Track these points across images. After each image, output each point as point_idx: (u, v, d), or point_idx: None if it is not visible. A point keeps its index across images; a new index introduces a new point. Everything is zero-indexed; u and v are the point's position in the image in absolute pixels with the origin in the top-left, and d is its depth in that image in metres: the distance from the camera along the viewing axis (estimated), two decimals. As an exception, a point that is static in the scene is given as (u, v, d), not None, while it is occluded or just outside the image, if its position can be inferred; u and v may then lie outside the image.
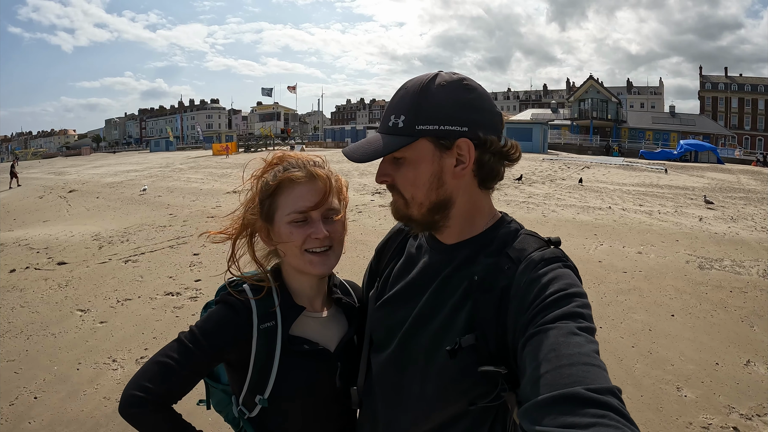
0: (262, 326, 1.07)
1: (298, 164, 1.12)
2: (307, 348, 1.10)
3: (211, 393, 1.23)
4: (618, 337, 4.61)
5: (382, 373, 1.05)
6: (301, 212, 1.08)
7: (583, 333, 0.74)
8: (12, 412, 3.41)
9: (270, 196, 1.12)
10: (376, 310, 1.11)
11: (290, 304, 1.12)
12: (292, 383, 1.07)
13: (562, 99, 69.96)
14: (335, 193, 1.12)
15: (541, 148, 36.53)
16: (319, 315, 1.17)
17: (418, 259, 1.07)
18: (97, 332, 4.72)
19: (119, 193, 16.88)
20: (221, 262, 6.23)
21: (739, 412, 3.41)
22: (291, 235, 1.08)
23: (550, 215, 11.00)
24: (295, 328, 1.10)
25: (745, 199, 14.76)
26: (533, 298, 0.82)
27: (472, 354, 0.88)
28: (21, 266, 7.21)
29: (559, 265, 0.88)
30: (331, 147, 45.01)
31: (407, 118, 0.93)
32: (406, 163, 0.95)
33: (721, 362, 4.13)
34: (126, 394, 0.99)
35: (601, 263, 7.07)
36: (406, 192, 0.96)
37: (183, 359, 1.01)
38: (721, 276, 6.57)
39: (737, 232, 9.63)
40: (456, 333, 0.91)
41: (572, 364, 0.68)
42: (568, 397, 0.63)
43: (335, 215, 1.11)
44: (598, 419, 0.60)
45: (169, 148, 65.13)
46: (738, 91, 63.35)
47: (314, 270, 1.09)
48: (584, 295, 0.83)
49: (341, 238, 1.12)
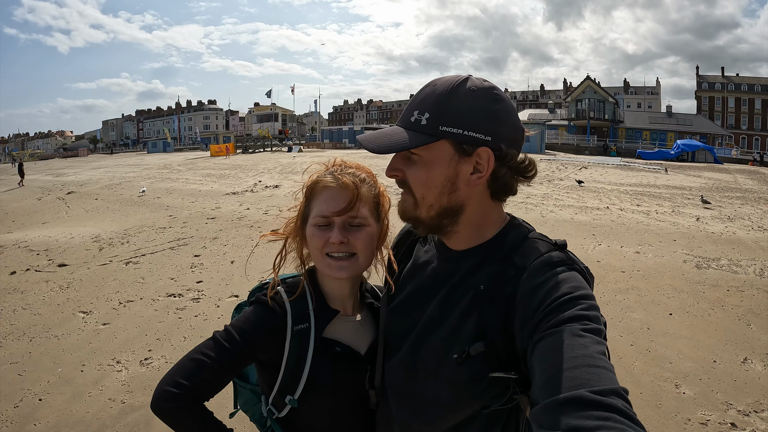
0: (296, 328, 1.09)
1: (336, 171, 1.14)
2: (338, 350, 1.12)
3: (239, 392, 1.25)
4: (617, 335, 4.66)
5: (395, 376, 1.07)
6: (324, 216, 1.10)
7: (589, 334, 0.73)
8: (17, 414, 3.43)
9: (307, 200, 1.15)
10: (387, 313, 1.12)
11: (324, 307, 1.14)
12: (322, 385, 1.09)
13: (559, 99, 70.18)
14: (365, 203, 1.13)
15: (539, 149, 36.60)
16: (352, 318, 1.19)
17: (427, 265, 1.08)
18: (100, 334, 4.74)
19: (118, 195, 16.85)
20: (222, 263, 6.25)
21: (736, 408, 3.46)
22: (313, 238, 1.11)
23: (548, 215, 11.05)
24: (327, 331, 1.12)
25: (742, 199, 14.85)
26: (538, 304, 0.82)
27: (483, 361, 0.89)
28: (21, 268, 7.22)
29: (564, 269, 0.87)
30: (329, 148, 44.99)
31: (431, 117, 0.91)
32: (421, 162, 0.94)
33: (718, 360, 4.18)
34: (159, 389, 1.02)
35: (599, 263, 7.12)
36: (417, 191, 0.95)
37: (218, 357, 1.04)
38: (719, 275, 6.63)
39: (734, 231, 9.69)
40: (465, 341, 0.92)
41: (576, 366, 0.68)
42: (572, 400, 0.63)
43: (361, 225, 1.12)
44: (603, 422, 0.59)
45: (167, 149, 64.94)
46: (735, 90, 63.55)
47: (331, 273, 1.11)
48: (590, 296, 0.82)
49: (364, 247, 1.12)
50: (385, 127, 1.06)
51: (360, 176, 1.15)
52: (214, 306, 5.41)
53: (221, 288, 6.03)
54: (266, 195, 14.78)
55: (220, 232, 9.49)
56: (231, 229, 9.77)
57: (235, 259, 7.26)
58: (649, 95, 73.63)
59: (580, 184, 16.80)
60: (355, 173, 1.15)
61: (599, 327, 0.76)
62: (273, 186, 16.65)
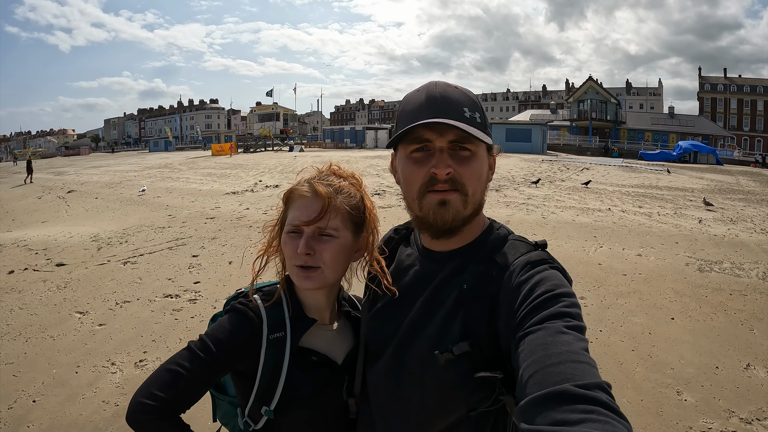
0: (272, 336, 1.07)
1: (315, 179, 1.12)
2: (315, 360, 1.10)
3: (218, 405, 1.23)
4: (618, 340, 4.61)
5: (378, 383, 1.05)
6: (294, 225, 1.08)
7: (572, 331, 0.75)
8: (10, 415, 3.39)
9: (285, 207, 1.14)
10: (369, 319, 1.11)
11: (301, 315, 1.12)
12: (298, 395, 1.07)
13: (561, 100, 70.03)
14: (338, 214, 1.09)
15: (540, 149, 36.58)
16: (330, 327, 1.18)
17: (410, 267, 1.08)
18: (96, 335, 4.70)
19: (118, 194, 16.85)
20: (220, 264, 6.22)
21: (739, 416, 3.41)
22: (285, 246, 1.10)
23: (549, 217, 10.99)
24: (304, 340, 1.10)
25: (745, 201, 14.78)
26: (521, 301, 0.84)
27: (468, 361, 0.89)
28: (19, 267, 7.19)
29: (545, 267, 0.90)
30: (330, 147, 44.95)
31: (482, 116, 0.97)
32: (473, 157, 0.96)
33: (721, 366, 4.13)
34: (134, 401, 0.99)
35: (600, 266, 7.07)
36: (471, 185, 0.95)
37: (192, 367, 1.01)
38: (721, 278, 6.56)
39: (737, 234, 9.62)
40: (450, 342, 0.91)
41: (561, 362, 0.69)
42: (557, 394, 0.64)
43: (331, 236, 1.09)
44: (587, 415, 0.60)
45: (168, 148, 65.05)
46: (737, 92, 63.48)
47: (298, 283, 1.09)
48: (572, 294, 0.84)
49: (331, 259, 1.08)
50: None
51: (337, 186, 1.11)
52: (210, 307, 5.36)
53: (218, 289, 5.99)
54: (266, 195, 14.74)
55: (219, 232, 9.45)
56: (230, 229, 9.73)
57: (233, 259, 7.21)
58: (651, 96, 73.62)
59: (586, 185, 16.64)
60: (333, 183, 1.12)
61: (581, 324, 0.78)
62: (273, 186, 16.61)
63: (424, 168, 0.95)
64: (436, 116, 0.92)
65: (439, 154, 0.94)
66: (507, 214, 11.00)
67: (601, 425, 0.59)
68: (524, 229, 9.17)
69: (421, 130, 0.94)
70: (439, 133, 0.93)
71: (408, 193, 0.99)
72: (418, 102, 0.97)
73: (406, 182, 0.99)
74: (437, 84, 0.98)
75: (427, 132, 0.94)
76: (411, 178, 0.97)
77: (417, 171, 0.96)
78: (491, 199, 13.50)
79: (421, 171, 0.95)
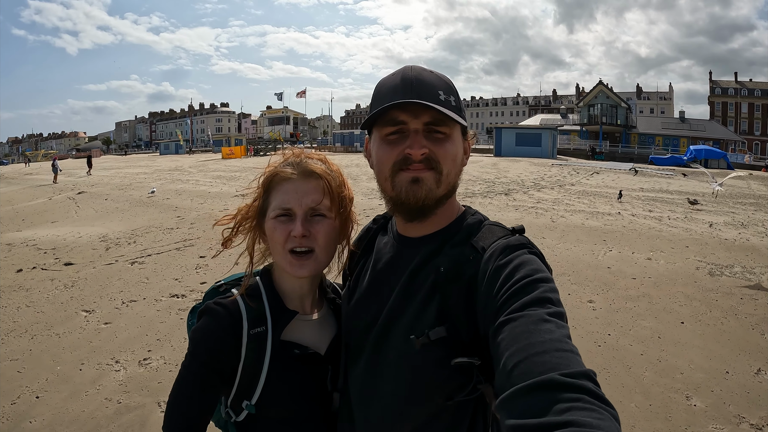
0: (252, 331, 1.04)
1: (295, 162, 1.10)
2: (297, 353, 1.07)
3: None
4: (627, 344, 4.54)
5: (357, 374, 1.03)
6: (284, 208, 1.06)
7: (554, 319, 0.74)
8: (13, 411, 3.41)
9: (265, 192, 1.11)
10: (349, 310, 1.09)
11: (282, 308, 1.08)
12: (280, 390, 1.04)
13: (571, 104, 69.77)
14: (328, 194, 1.08)
15: (550, 154, 36.38)
16: (309, 318, 1.14)
17: (385, 256, 1.07)
18: (101, 333, 4.72)
19: (128, 195, 16.98)
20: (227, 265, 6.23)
21: (749, 422, 3.33)
22: (275, 231, 1.07)
23: (558, 220, 10.92)
24: (285, 333, 1.07)
25: (756, 205, 14.59)
26: (500, 286, 0.82)
27: (444, 347, 0.88)
28: (28, 266, 7.26)
29: (524, 252, 0.88)
30: (340, 151, 45.06)
31: (456, 100, 0.97)
32: (448, 139, 0.96)
33: (731, 371, 4.05)
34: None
35: (610, 269, 6.99)
36: (446, 166, 0.95)
37: (192, 386, 1.02)
38: (732, 282, 6.46)
39: (747, 238, 9.50)
40: (426, 326, 0.90)
41: (545, 351, 0.68)
42: (543, 384, 0.63)
43: (324, 216, 1.07)
44: (574, 403, 0.60)
45: (179, 151, 65.52)
46: (748, 96, 62.87)
47: (292, 271, 1.06)
48: (550, 279, 0.83)
49: (325, 241, 1.07)
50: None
51: (324, 166, 1.11)
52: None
53: (225, 289, 5.98)
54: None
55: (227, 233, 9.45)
56: (237, 230, 9.73)
57: (239, 261, 7.17)
58: (661, 100, 73.11)
59: (619, 197, 14.65)
60: (322, 164, 1.12)
61: (561, 310, 0.77)
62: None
63: (398, 148, 0.95)
64: (410, 98, 0.92)
65: (414, 135, 0.94)
66: (516, 218, 10.94)
67: (587, 413, 0.59)
68: (533, 232, 9.10)
69: (396, 112, 0.93)
70: (414, 114, 0.93)
71: (380, 174, 0.98)
72: (393, 84, 0.96)
73: (378, 163, 0.98)
74: (413, 68, 0.98)
75: (402, 114, 0.93)
76: (384, 158, 0.96)
77: (390, 151, 0.95)
78: (500, 203, 13.45)
79: (394, 151, 0.95)
